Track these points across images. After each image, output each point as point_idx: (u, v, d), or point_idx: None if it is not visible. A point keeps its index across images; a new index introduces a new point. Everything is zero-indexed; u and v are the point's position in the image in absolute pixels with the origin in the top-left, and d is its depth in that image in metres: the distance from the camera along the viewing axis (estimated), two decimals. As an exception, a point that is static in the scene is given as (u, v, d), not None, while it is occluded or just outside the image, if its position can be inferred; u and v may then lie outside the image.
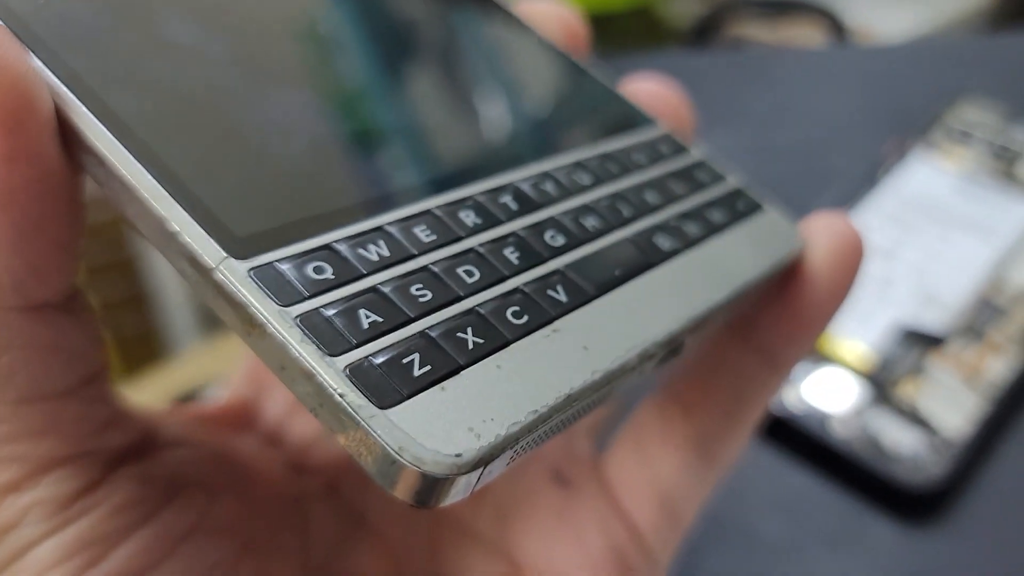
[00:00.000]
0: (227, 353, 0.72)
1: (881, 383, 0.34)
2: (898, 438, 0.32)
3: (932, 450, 0.31)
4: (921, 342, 0.35)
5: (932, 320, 0.35)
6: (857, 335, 0.35)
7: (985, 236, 0.39)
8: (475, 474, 0.10)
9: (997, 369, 0.34)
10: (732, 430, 0.17)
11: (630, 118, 0.18)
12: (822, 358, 0.35)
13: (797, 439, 0.33)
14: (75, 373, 0.13)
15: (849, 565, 0.30)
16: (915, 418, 0.32)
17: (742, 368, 0.17)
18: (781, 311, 0.17)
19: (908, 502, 0.31)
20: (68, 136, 0.12)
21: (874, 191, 0.41)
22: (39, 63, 0.12)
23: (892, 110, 0.47)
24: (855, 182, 0.42)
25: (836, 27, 0.73)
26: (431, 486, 0.10)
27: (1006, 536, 0.30)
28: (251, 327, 0.11)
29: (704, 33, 0.76)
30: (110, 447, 0.14)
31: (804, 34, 0.79)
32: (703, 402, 0.17)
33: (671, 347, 0.13)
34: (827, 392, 0.34)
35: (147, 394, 0.66)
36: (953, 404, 0.33)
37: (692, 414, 0.18)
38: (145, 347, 0.88)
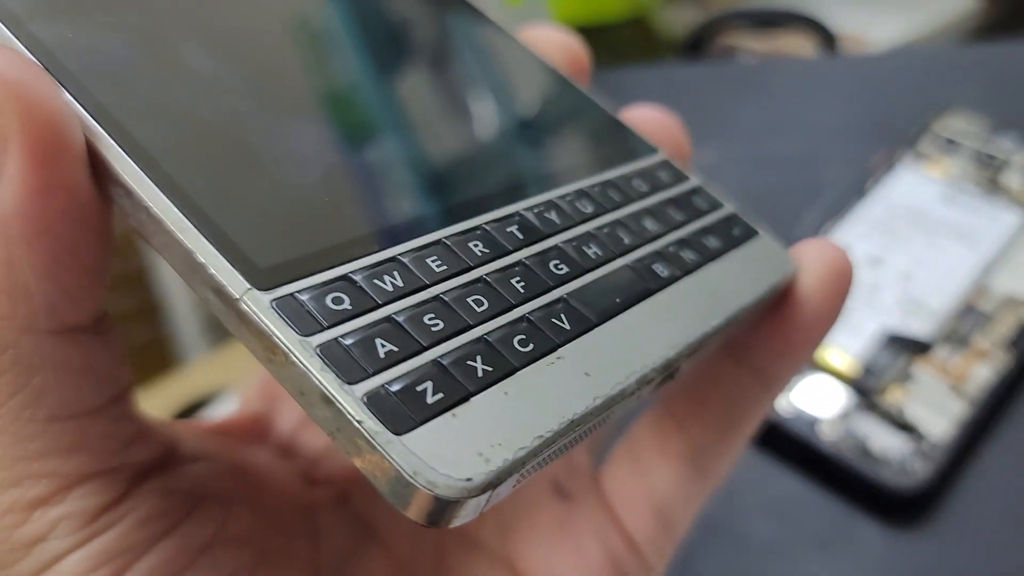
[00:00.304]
0: (235, 363, 0.72)
1: (868, 389, 0.34)
2: (885, 443, 0.33)
3: (918, 454, 0.32)
4: (908, 348, 0.35)
5: (918, 326, 0.36)
6: (845, 342, 0.36)
7: (971, 243, 0.39)
8: (484, 497, 0.11)
9: (982, 374, 0.34)
10: (725, 444, 0.18)
11: (631, 145, 0.18)
12: (811, 365, 0.35)
13: (787, 444, 0.34)
14: (103, 392, 0.14)
15: (838, 567, 0.31)
16: (901, 423, 0.33)
17: (735, 385, 0.18)
18: (773, 332, 0.17)
19: (895, 505, 0.32)
20: (97, 168, 0.12)
21: (863, 201, 0.42)
22: (69, 96, 0.12)
23: (881, 120, 0.48)
24: (844, 192, 0.42)
25: (826, 37, 0.74)
26: (442, 508, 0.11)
27: (990, 537, 0.31)
28: (273, 355, 0.11)
29: (697, 44, 0.77)
30: (135, 462, 0.14)
31: (795, 44, 0.79)
32: (697, 417, 0.18)
33: (668, 372, 0.14)
34: (816, 398, 0.34)
35: (156, 403, 0.66)
36: (939, 409, 0.33)
37: (686, 429, 0.18)
38: (155, 357, 0.87)
